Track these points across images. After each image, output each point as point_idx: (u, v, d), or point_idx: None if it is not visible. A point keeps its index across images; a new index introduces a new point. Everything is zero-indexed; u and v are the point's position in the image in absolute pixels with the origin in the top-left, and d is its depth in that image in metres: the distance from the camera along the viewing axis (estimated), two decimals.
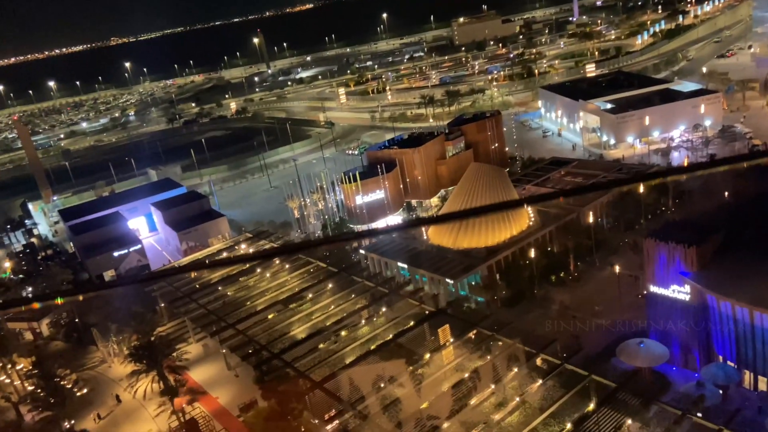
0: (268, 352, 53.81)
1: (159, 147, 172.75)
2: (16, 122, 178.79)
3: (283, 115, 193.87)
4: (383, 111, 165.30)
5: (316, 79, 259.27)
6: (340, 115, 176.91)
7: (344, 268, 68.74)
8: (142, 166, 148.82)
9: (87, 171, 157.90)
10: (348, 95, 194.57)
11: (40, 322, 74.28)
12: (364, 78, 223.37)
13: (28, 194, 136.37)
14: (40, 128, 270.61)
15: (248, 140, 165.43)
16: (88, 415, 56.03)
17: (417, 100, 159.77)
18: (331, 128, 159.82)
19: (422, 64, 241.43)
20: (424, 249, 70.09)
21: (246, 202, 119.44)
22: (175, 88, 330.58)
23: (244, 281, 70.92)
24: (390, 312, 57.15)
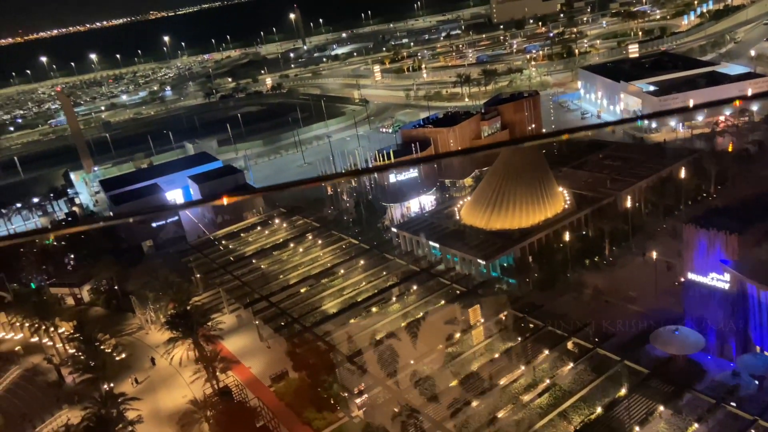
0: (300, 325, 54.70)
1: (196, 121, 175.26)
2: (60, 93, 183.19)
3: (317, 92, 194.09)
4: (418, 89, 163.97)
5: (352, 56, 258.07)
6: (374, 93, 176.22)
7: (376, 246, 69.13)
8: (180, 139, 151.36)
9: (126, 143, 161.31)
10: (383, 73, 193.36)
11: (81, 289, 76.83)
12: (399, 56, 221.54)
13: (70, 164, 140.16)
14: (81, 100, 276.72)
15: (283, 116, 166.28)
16: (126, 379, 58.06)
17: (453, 78, 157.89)
18: (366, 106, 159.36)
19: (459, 42, 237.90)
20: (456, 229, 69.83)
21: (280, 177, 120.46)
22: (212, 63, 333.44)
23: (277, 255, 71.94)
24: (421, 290, 57.38)
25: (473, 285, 57.23)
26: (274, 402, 51.19)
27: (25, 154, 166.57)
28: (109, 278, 76.28)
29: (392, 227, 77.56)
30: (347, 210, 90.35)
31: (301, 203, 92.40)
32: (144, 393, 54.49)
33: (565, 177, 75.44)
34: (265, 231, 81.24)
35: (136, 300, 69.77)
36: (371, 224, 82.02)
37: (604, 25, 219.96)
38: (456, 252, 64.95)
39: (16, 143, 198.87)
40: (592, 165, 79.39)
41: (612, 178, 73.60)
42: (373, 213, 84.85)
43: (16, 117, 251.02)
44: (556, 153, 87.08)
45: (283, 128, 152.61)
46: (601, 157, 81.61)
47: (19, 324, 69.95)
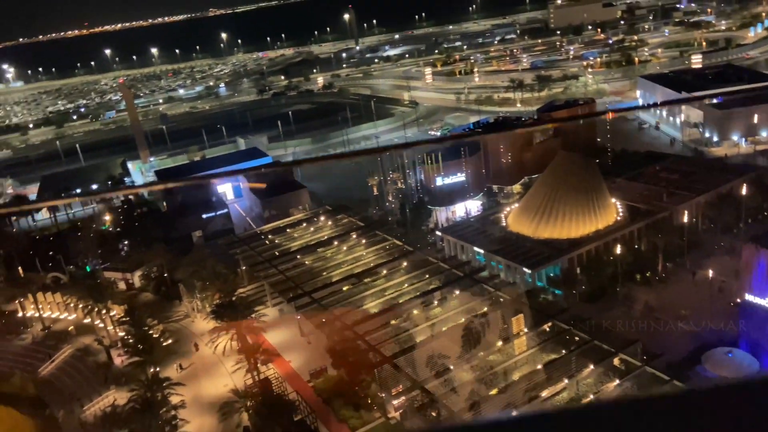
0: (341, 323, 54.99)
1: (248, 117, 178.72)
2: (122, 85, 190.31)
3: (368, 92, 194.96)
4: (469, 93, 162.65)
5: (403, 57, 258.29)
6: (424, 95, 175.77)
7: (420, 248, 68.93)
8: (232, 134, 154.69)
9: (181, 135, 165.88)
10: (434, 75, 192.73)
11: (133, 274, 79.32)
12: (451, 58, 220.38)
13: (127, 154, 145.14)
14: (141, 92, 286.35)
15: (333, 115, 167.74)
16: (171, 365, 59.56)
17: (505, 83, 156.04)
18: (415, 108, 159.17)
19: (513, 47, 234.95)
20: (502, 235, 68.94)
21: (326, 175, 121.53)
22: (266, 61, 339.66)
23: (322, 252, 72.58)
24: (463, 296, 56.84)
25: (518, 293, 56.32)
26: (312, 397, 51.58)
27: (87, 142, 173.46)
28: (160, 266, 78.48)
29: (437, 231, 77.17)
30: (392, 211, 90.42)
31: (347, 202, 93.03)
32: (187, 379, 55.80)
33: (618, 188, 73.46)
34: (310, 228, 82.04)
35: (184, 288, 71.60)
36: (416, 226, 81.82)
37: (666, 33, 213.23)
38: (501, 259, 64.08)
39: (78, 131, 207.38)
40: (648, 177, 77.00)
41: (668, 192, 71.23)
42: (418, 215, 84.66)
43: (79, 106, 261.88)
44: (611, 163, 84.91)
45: (332, 127, 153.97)
46: (657, 170, 79.08)
47: (73, 305, 72.92)
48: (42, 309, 74.85)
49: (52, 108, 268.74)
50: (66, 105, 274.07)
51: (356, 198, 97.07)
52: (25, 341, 69.88)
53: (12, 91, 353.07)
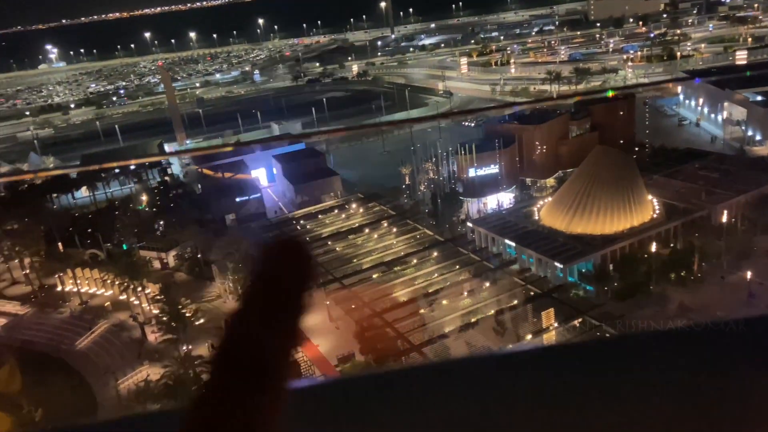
0: (370, 309, 55.45)
1: (283, 102, 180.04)
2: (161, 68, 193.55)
3: (402, 81, 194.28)
4: (505, 84, 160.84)
5: (439, 47, 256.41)
6: (459, 85, 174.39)
7: (450, 239, 68.86)
8: (267, 119, 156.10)
9: (217, 119, 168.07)
10: (470, 65, 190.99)
11: (168, 254, 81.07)
12: (488, 49, 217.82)
13: (164, 136, 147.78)
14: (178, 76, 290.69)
15: (366, 103, 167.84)
16: (203, 344, 60.84)
17: (542, 75, 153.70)
18: (449, 98, 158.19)
19: (551, 39, 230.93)
20: (534, 229, 68.40)
21: (359, 163, 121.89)
22: (302, 47, 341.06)
23: (352, 239, 73.08)
24: (493, 288, 56.71)
25: (548, 288, 55.92)
26: None
27: (125, 124, 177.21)
28: (194, 246, 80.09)
29: (468, 222, 76.91)
30: (424, 201, 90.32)
31: (379, 191, 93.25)
32: None
33: (656, 185, 72.04)
34: (341, 215, 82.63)
35: (217, 269, 72.95)
36: (446, 217, 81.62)
37: (710, 28, 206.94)
38: (532, 253, 63.58)
39: (117, 113, 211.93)
40: (686, 174, 75.25)
41: (707, 190, 69.55)
42: (449, 206, 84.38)
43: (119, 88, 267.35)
44: (648, 159, 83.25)
45: (365, 115, 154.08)
46: (697, 167, 77.20)
47: (110, 281, 75.02)
48: (80, 284, 77.19)
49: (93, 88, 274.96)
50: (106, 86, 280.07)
51: (388, 186, 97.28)
52: (64, 314, 72.30)
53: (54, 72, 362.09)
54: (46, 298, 76.12)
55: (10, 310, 74.70)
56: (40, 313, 73.00)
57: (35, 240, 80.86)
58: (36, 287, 78.63)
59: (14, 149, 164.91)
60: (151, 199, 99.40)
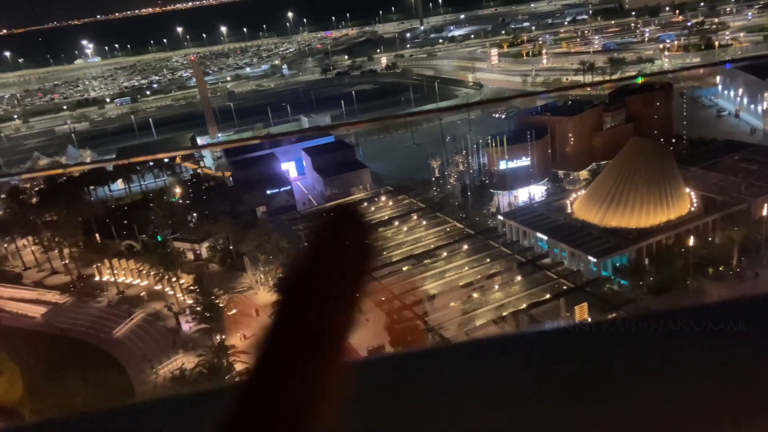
0: (400, 302, 55.49)
1: (312, 95, 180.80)
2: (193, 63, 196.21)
3: (431, 73, 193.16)
4: (536, 75, 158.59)
5: (469, 38, 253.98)
6: (489, 77, 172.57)
7: (481, 232, 68.38)
8: (296, 112, 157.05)
9: (247, 113, 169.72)
10: (500, 56, 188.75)
11: (201, 245, 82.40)
12: (519, 40, 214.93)
13: (197, 129, 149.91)
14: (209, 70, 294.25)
15: (395, 96, 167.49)
16: (235, 333, 61.77)
17: (575, 66, 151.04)
18: (480, 90, 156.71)
19: (585, 28, 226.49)
20: (566, 222, 67.47)
21: (388, 156, 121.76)
22: (331, 40, 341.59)
23: (382, 231, 73.06)
24: (525, 282, 56.18)
25: (581, 282, 55.13)
26: None
27: (159, 117, 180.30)
28: (226, 238, 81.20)
29: (498, 215, 76.27)
30: (453, 194, 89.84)
31: (408, 183, 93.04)
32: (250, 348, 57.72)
33: (693, 177, 70.28)
34: (371, 207, 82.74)
35: (249, 261, 73.86)
36: (477, 210, 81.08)
37: (749, 17, 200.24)
38: (565, 246, 62.72)
39: (151, 106, 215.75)
40: (725, 167, 73.19)
41: (747, 183, 67.55)
42: (479, 199, 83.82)
43: (152, 82, 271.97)
44: (686, 151, 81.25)
45: (394, 107, 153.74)
46: (736, 159, 75.01)
47: (145, 272, 76.60)
48: (117, 274, 79.06)
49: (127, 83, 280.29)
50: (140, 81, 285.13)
51: (417, 179, 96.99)
52: (101, 303, 74.19)
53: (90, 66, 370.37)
54: (84, 287, 78.21)
55: (51, 299, 76.97)
56: (79, 302, 75.08)
57: (74, 231, 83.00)
58: (75, 277, 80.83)
59: (53, 143, 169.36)
60: (184, 191, 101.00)
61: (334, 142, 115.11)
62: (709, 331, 1.83)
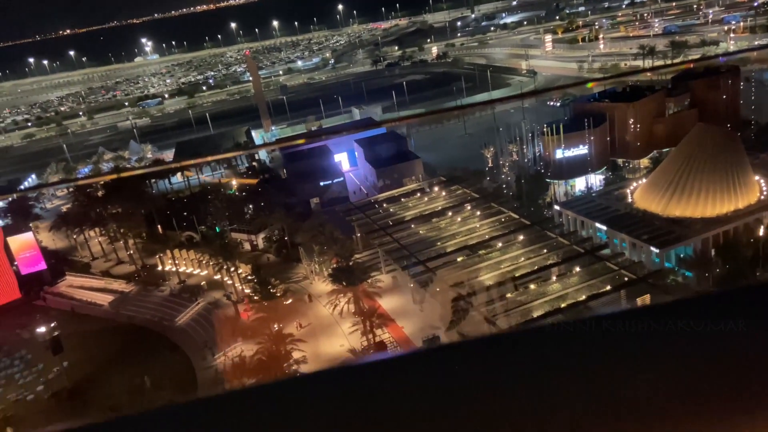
0: (455, 292, 55.14)
1: (363, 87, 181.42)
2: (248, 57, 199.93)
3: (483, 62, 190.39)
4: (593, 61, 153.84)
5: (521, 25, 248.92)
6: (543, 64, 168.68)
7: (537, 222, 67.10)
8: (347, 104, 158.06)
9: (300, 106, 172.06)
10: (554, 43, 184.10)
11: (257, 236, 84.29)
12: (574, 25, 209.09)
13: (251, 123, 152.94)
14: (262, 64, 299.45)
15: (446, 85, 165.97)
16: (292, 323, 63.01)
17: (634, 50, 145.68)
18: (533, 77, 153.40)
19: (644, 11, 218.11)
20: (627, 212, 65.39)
21: (439, 146, 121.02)
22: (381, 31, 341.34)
23: (435, 222, 72.82)
24: (584, 273, 54.79)
25: (644, 274, 53.36)
26: None
27: (215, 112, 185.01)
28: (281, 229, 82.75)
29: (555, 205, 74.66)
30: (508, 184, 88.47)
31: (461, 174, 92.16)
32: (307, 337, 58.76)
33: (763, 164, 66.82)
34: (424, 198, 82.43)
35: (304, 251, 75.04)
36: (532, 200, 79.61)
37: None
38: (626, 237, 60.83)
39: (207, 101, 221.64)
40: None
41: None
42: (535, 188, 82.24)
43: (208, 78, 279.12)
44: (754, 137, 77.25)
45: (446, 97, 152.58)
46: None
47: (205, 262, 79.01)
48: (178, 264, 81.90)
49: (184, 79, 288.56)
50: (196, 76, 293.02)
51: (470, 169, 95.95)
52: (164, 293, 77.03)
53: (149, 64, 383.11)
54: (148, 277, 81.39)
55: (117, 288, 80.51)
56: (143, 291, 78.23)
57: (137, 223, 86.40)
58: (139, 267, 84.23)
59: (116, 138, 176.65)
60: (240, 184, 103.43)
61: (386, 133, 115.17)
62: (708, 325, 1.80)
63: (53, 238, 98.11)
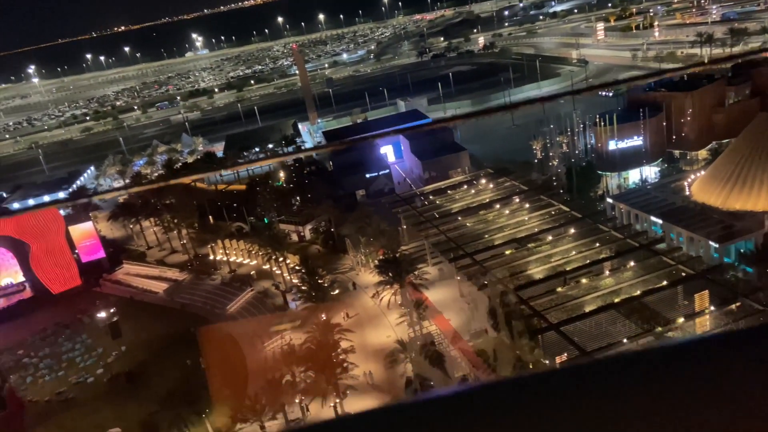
0: (504, 286, 54.48)
1: (408, 79, 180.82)
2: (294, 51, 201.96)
3: (531, 52, 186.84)
4: (648, 49, 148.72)
5: (572, 13, 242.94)
6: (595, 53, 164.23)
7: (589, 215, 65.52)
8: (393, 96, 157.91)
9: (345, 98, 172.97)
10: (606, 31, 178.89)
11: (304, 227, 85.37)
12: (627, 12, 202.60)
13: (298, 115, 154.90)
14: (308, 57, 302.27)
15: (494, 76, 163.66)
16: (339, 313, 63.60)
17: (691, 38, 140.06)
18: (584, 67, 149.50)
19: None
20: (684, 205, 63.09)
21: (486, 138, 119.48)
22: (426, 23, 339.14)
23: (483, 215, 72.04)
24: (639, 268, 53.23)
25: (702, 269, 51.44)
26: (472, 357, 52.21)
27: (263, 105, 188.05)
28: (328, 221, 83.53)
29: (607, 197, 72.74)
30: (557, 176, 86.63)
31: (509, 165, 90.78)
32: (354, 327, 59.21)
33: None
34: (471, 190, 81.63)
35: (350, 243, 75.55)
36: (583, 193, 77.71)
37: None
38: (683, 231, 58.71)
39: (255, 95, 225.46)
40: None
41: None
42: (586, 181, 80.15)
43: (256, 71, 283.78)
44: None
45: (493, 89, 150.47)
46: None
47: (254, 252, 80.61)
48: (228, 254, 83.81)
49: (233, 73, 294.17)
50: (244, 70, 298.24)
51: (518, 161, 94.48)
52: (216, 281, 79.03)
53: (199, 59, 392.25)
54: (200, 265, 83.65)
55: (171, 276, 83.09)
56: (196, 279, 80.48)
57: (189, 213, 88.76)
58: (191, 256, 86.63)
59: (168, 131, 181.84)
60: (287, 176, 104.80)
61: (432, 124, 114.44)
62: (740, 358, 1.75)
63: (111, 227, 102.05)
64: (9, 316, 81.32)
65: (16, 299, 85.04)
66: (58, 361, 68.38)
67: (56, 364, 67.84)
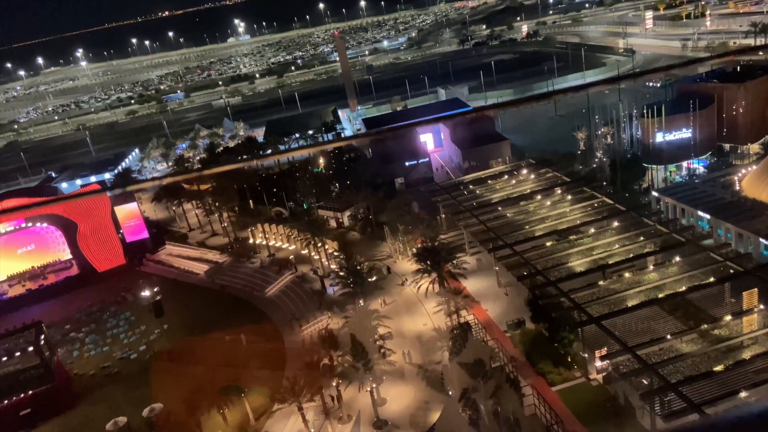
0: (544, 277, 53.83)
1: (449, 67, 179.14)
2: (336, 37, 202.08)
3: (576, 40, 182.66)
4: (699, 39, 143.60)
5: (619, 1, 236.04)
6: (643, 42, 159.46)
7: (633, 208, 63.99)
8: (433, 84, 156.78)
9: (385, 85, 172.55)
10: (655, 20, 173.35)
11: (343, 214, 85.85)
12: (677, 1, 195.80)
13: (338, 102, 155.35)
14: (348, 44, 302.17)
15: (536, 65, 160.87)
16: (376, 299, 63.95)
17: (745, 27, 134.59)
18: (631, 56, 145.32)
19: None
20: (733, 200, 61.05)
21: (528, 128, 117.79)
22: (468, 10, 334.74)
23: (523, 205, 71.16)
24: (684, 263, 51.81)
25: (752, 266, 49.75)
26: (510, 347, 51.88)
27: (303, 91, 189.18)
28: (366, 208, 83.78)
29: (653, 191, 70.91)
30: (601, 167, 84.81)
31: (551, 156, 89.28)
32: (391, 314, 59.45)
33: None
34: (511, 180, 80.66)
35: (388, 230, 75.66)
36: (628, 185, 75.94)
37: None
38: (731, 226, 56.89)
39: (296, 81, 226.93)
40: None
41: None
42: (630, 173, 78.30)
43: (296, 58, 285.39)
44: None
45: (535, 78, 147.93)
46: None
47: (293, 237, 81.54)
48: (268, 238, 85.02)
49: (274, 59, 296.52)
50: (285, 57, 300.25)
51: (561, 152, 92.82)
52: (255, 264, 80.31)
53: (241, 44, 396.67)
54: (240, 248, 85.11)
55: (212, 258, 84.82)
56: (236, 262, 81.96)
57: (230, 197, 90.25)
58: (232, 239, 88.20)
59: (211, 116, 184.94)
60: (327, 162, 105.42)
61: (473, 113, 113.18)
62: None
63: (155, 209, 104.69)
64: (56, 292, 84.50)
65: (64, 276, 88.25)
66: (103, 337, 70.81)
67: (101, 340, 70.27)
